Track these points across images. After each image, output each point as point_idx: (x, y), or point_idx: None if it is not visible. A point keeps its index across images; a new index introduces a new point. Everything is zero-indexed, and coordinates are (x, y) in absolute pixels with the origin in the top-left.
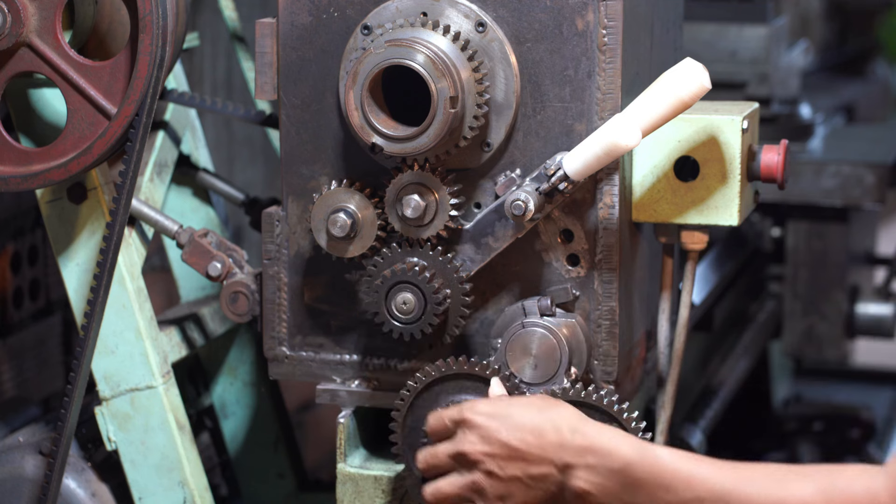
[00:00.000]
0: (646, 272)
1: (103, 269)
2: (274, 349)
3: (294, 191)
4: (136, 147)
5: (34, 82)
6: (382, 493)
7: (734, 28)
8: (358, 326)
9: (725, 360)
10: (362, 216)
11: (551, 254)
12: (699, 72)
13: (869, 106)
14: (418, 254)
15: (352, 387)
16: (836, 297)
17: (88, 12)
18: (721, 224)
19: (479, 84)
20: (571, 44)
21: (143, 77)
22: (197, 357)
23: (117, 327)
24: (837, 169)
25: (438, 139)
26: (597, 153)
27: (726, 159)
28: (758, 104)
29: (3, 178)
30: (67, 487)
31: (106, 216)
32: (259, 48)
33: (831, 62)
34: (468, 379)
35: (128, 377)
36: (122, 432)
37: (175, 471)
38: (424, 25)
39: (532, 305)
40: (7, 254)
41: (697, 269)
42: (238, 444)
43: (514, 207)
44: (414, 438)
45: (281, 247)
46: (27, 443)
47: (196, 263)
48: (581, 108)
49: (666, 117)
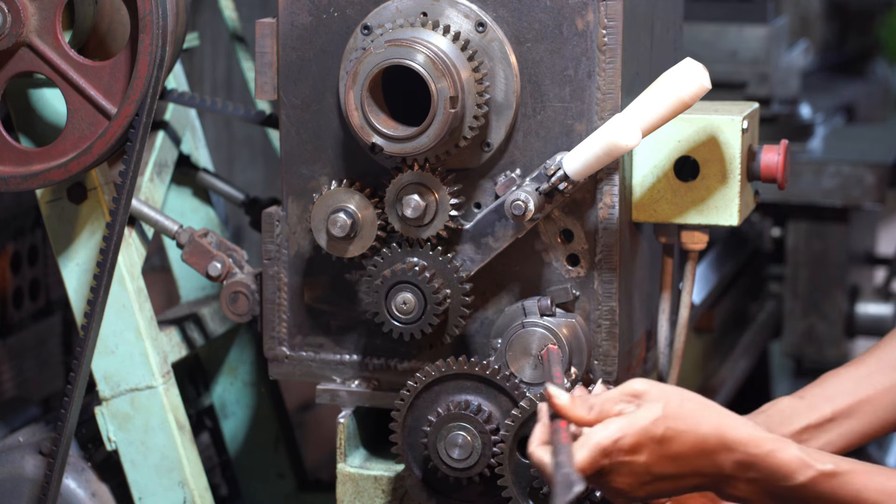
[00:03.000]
0: (646, 272)
1: (103, 269)
2: (274, 349)
3: (294, 191)
4: (136, 147)
5: (34, 82)
6: (382, 493)
7: (734, 28)
8: (358, 326)
9: (725, 360)
10: (362, 216)
11: (551, 254)
12: (699, 72)
13: (869, 106)
14: (418, 254)
15: (352, 387)
16: (836, 297)
17: (88, 12)
18: (721, 224)
19: (479, 84)
20: (571, 44)
21: (143, 77)
22: (197, 357)
23: (117, 327)
24: (837, 169)
25: (438, 139)
26: (597, 153)
27: (726, 159)
28: (758, 104)
29: (3, 178)
30: (67, 487)
31: (106, 216)
32: (259, 48)
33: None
34: (468, 379)
35: (128, 377)
36: (122, 432)
37: (175, 471)
38: (424, 25)
39: (532, 305)
40: (7, 254)
41: (697, 269)
42: (238, 444)
43: (514, 207)
44: (414, 438)
45: (281, 247)
46: (27, 443)
47: (196, 263)
48: (581, 108)
49: (666, 117)
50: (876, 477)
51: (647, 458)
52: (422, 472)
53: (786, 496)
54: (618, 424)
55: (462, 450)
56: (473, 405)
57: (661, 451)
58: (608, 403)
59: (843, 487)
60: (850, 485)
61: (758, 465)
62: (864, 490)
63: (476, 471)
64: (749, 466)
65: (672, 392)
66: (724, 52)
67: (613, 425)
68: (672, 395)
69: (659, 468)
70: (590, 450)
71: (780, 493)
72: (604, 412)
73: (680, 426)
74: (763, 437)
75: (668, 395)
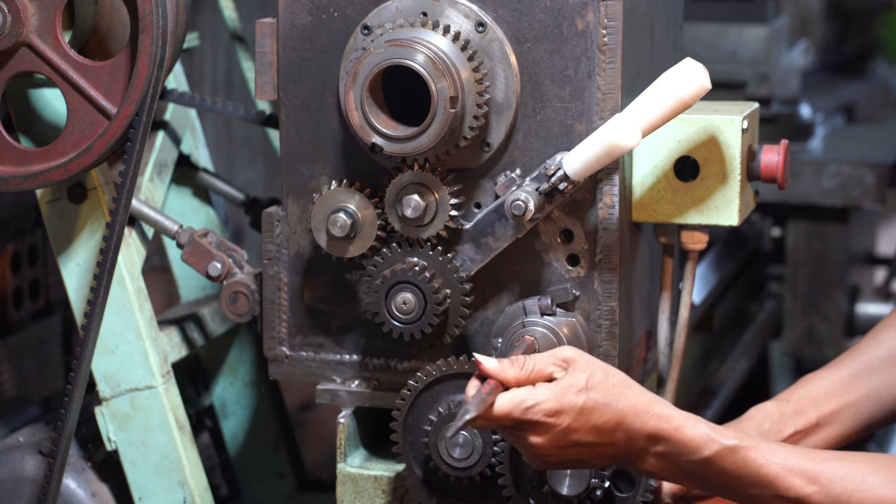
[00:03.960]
0: (646, 272)
1: (103, 269)
2: (274, 349)
3: (294, 191)
4: (136, 147)
5: (34, 82)
6: (382, 493)
7: (734, 28)
8: (358, 326)
9: (725, 360)
10: (362, 216)
11: (551, 254)
12: (699, 72)
13: (869, 106)
14: (418, 254)
15: (352, 387)
16: (836, 297)
17: (88, 12)
18: (721, 224)
19: (479, 84)
20: (571, 44)
21: (143, 77)
22: (197, 357)
23: (117, 327)
24: (837, 169)
25: (438, 139)
26: (597, 153)
27: (726, 159)
28: (758, 104)
29: (3, 178)
30: (67, 487)
31: (106, 216)
32: (259, 48)
33: (831, 62)
34: (469, 378)
35: (128, 377)
36: (122, 432)
37: (175, 471)
38: (424, 25)
39: (533, 305)
40: (7, 254)
41: (697, 269)
42: (238, 444)
43: (514, 207)
44: (414, 438)
45: (281, 247)
46: (27, 443)
47: (196, 263)
48: (581, 108)
49: (666, 117)
50: (778, 452)
51: (567, 423)
52: (422, 471)
53: (693, 470)
54: (543, 388)
55: (463, 449)
56: None
57: (580, 420)
58: (539, 363)
59: (746, 461)
60: (752, 459)
61: (666, 439)
62: (766, 465)
63: (477, 470)
64: (658, 440)
65: (598, 365)
66: (724, 52)
67: (540, 389)
68: (597, 368)
69: (576, 436)
70: (511, 400)
71: (688, 466)
72: (535, 372)
73: (600, 399)
74: (672, 414)
75: (594, 367)
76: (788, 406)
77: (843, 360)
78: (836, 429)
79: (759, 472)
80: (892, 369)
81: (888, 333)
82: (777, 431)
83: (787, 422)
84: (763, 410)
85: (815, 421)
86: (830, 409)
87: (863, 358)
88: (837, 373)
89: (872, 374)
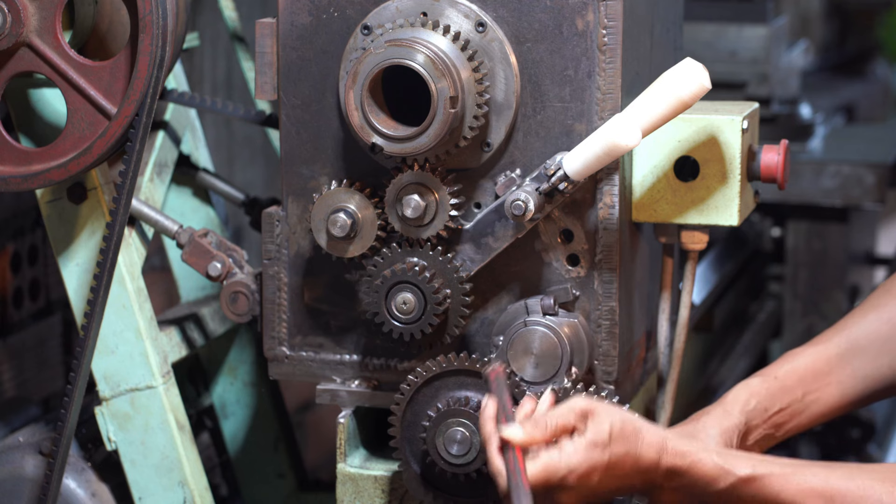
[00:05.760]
0: (646, 272)
1: (103, 269)
2: (274, 349)
3: (294, 191)
4: (136, 147)
5: (34, 82)
6: (382, 493)
7: (734, 28)
8: (358, 326)
9: (725, 360)
10: (362, 216)
11: (551, 254)
12: (699, 72)
13: (869, 106)
14: (418, 254)
15: (352, 387)
16: (836, 297)
17: (88, 12)
18: (721, 224)
19: (479, 84)
20: (571, 44)
21: (143, 77)
22: (197, 357)
23: (117, 327)
24: (837, 169)
25: (438, 139)
26: (597, 153)
27: (726, 159)
28: (758, 104)
29: (3, 178)
30: (67, 487)
31: (106, 216)
32: (259, 48)
33: (831, 62)
34: (469, 375)
35: (128, 377)
36: (122, 432)
37: (175, 471)
38: (424, 25)
39: (535, 304)
40: (7, 254)
41: (697, 269)
42: (238, 444)
43: (514, 207)
44: (413, 433)
45: (281, 247)
46: (27, 443)
47: (196, 263)
48: (581, 108)
49: (666, 117)
50: (793, 478)
51: (596, 480)
52: (420, 466)
53: (710, 502)
54: (571, 450)
55: (461, 445)
56: (473, 401)
57: (607, 474)
58: (560, 419)
59: (762, 490)
60: (767, 487)
61: (682, 475)
62: (781, 492)
63: (474, 466)
64: (674, 476)
65: (614, 413)
66: (724, 52)
67: (567, 450)
68: (615, 417)
69: (601, 486)
70: (544, 469)
71: (705, 499)
72: (558, 429)
73: (622, 450)
74: (686, 450)
75: (612, 417)
76: (775, 383)
77: (829, 337)
78: (819, 407)
79: (776, 500)
80: (877, 351)
81: (876, 314)
82: (763, 410)
83: (774, 399)
84: (749, 388)
85: (800, 398)
86: (816, 388)
87: (850, 337)
88: (825, 350)
89: (859, 353)
